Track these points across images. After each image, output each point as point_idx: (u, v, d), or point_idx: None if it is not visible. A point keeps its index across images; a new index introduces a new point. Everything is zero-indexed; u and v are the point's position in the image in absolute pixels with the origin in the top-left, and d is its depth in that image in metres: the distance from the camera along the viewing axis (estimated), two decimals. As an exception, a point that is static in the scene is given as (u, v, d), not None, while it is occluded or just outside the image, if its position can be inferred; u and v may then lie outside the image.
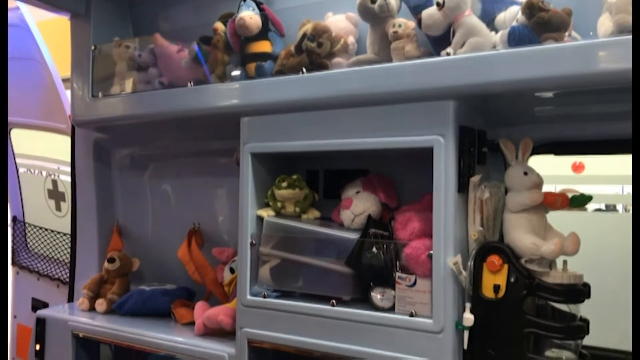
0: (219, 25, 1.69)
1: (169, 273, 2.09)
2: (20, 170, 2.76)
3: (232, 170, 1.67)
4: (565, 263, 1.26)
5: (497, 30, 1.29)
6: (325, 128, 1.44)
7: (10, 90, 1.80)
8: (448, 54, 1.27)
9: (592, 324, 1.26)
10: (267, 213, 1.58)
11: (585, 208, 1.51)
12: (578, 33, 1.25)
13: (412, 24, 1.40)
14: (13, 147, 2.71)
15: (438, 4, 1.30)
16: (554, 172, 1.46)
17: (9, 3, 1.95)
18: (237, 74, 1.63)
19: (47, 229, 2.68)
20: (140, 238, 2.22)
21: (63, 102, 2.36)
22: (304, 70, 1.47)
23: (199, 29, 1.76)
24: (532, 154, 1.36)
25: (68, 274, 2.28)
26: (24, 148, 2.75)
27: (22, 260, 2.74)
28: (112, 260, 2.04)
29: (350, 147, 1.41)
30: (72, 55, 2.00)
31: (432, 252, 1.28)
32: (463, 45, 1.27)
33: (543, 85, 1.18)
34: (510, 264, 1.24)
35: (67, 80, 2.03)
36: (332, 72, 1.45)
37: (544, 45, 1.16)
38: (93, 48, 1.95)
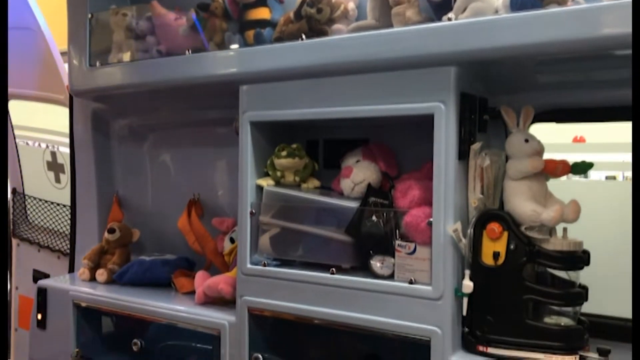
0: (217, -8, 1.66)
1: (169, 243, 2.09)
2: (19, 143, 2.75)
3: (231, 141, 1.66)
4: (565, 230, 1.26)
5: (499, -5, 1.27)
6: (325, 96, 1.42)
7: (6, 60, 1.79)
8: (449, 19, 1.25)
9: (591, 292, 1.27)
10: (266, 182, 1.57)
11: (586, 175, 1.51)
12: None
13: (413, -11, 1.38)
14: (11, 119, 2.70)
15: (440, -32, 1.28)
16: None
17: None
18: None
19: (47, 201, 2.68)
20: (140, 209, 2.22)
21: (60, 72, 2.34)
22: (304, 37, 1.45)
23: (197, -4, 1.73)
24: (533, 122, 1.36)
25: (69, 246, 2.29)
26: (22, 120, 2.74)
27: (22, 232, 2.75)
28: (112, 231, 2.04)
29: (351, 114, 1.39)
30: (68, 24, 1.97)
31: (431, 219, 1.28)
32: (465, 10, 1.25)
33: (545, 50, 1.16)
34: (510, 231, 1.24)
35: (65, 54, 2.01)
36: (332, 38, 1.43)
37: (547, 10, 1.14)
38: (90, 16, 1.91)
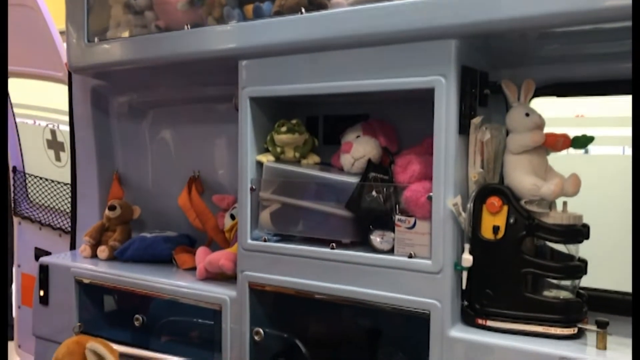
0: (216, -34, 1.64)
1: (170, 220, 2.10)
2: (18, 121, 2.74)
3: (231, 117, 1.65)
4: (565, 204, 1.26)
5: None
6: (325, 70, 1.41)
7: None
8: (451, -9, 1.24)
9: (590, 266, 1.27)
10: (266, 158, 1.57)
11: (587, 149, 1.51)
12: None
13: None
14: (10, 97, 2.69)
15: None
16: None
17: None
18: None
19: (47, 179, 2.68)
20: (141, 186, 2.23)
21: (59, 49, 2.32)
22: (303, 11, 1.43)
23: (196, -30, 1.71)
24: (534, 96, 1.35)
25: (70, 224, 2.29)
26: (22, 98, 2.73)
27: (23, 211, 2.76)
28: (112, 208, 2.05)
29: (351, 89, 1.38)
30: (66, 0, 1.96)
31: (431, 194, 1.28)
32: (466, -18, 1.24)
33: (547, 23, 1.15)
34: (510, 205, 1.25)
35: (63, 33, 1.99)
36: (331, 11, 1.41)
37: (549, -19, 1.13)
38: (88, -8, 1.90)
